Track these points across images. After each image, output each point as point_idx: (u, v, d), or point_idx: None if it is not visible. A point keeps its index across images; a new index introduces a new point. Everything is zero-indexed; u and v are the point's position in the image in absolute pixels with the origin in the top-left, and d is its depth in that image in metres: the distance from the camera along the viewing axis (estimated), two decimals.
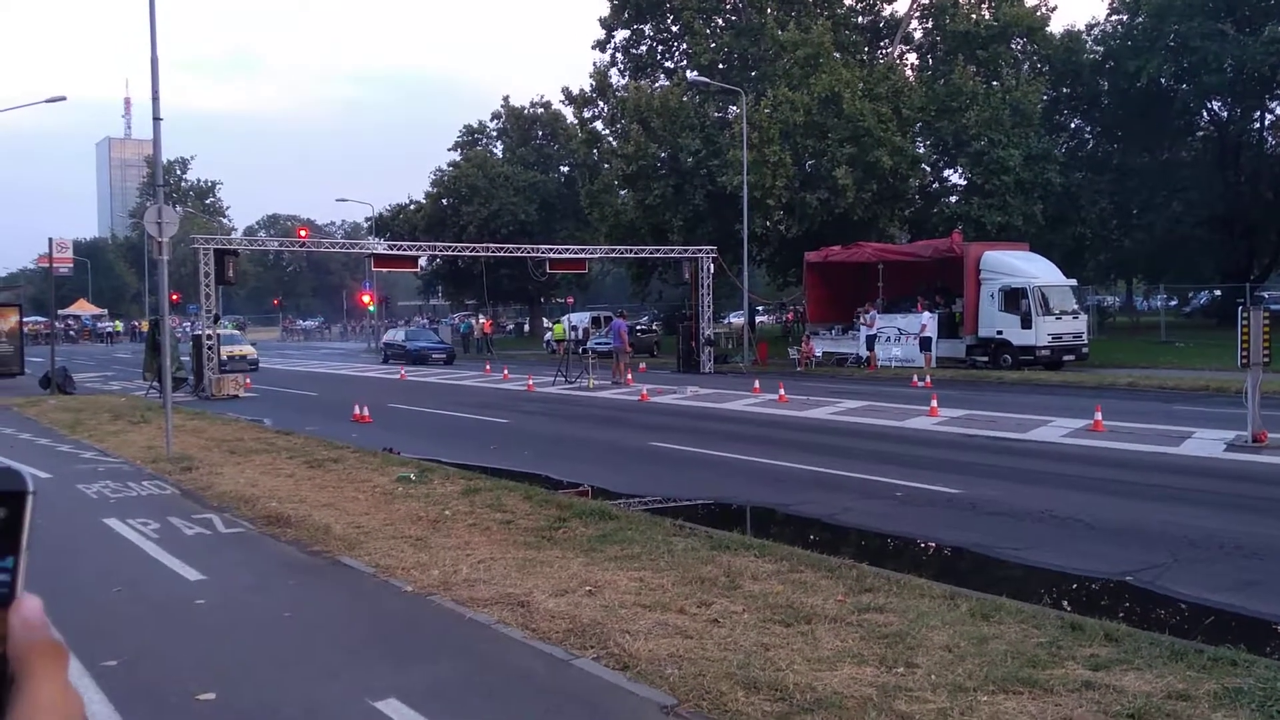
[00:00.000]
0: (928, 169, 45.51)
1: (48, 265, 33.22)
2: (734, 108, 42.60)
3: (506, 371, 33.82)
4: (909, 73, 46.31)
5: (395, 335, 48.46)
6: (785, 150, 39.06)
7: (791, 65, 41.51)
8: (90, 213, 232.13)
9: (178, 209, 43.28)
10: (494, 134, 73.49)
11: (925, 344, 31.41)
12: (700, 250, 35.52)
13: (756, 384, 25.41)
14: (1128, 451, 14.28)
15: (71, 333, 78.01)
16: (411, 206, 68.20)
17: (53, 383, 27.07)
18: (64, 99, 37.36)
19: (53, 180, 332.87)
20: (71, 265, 52.58)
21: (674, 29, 49.51)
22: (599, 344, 36.13)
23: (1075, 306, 31.15)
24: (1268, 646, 6.51)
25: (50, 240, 33.89)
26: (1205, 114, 47.95)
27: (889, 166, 39.08)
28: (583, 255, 38.71)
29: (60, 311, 68.11)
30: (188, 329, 44.28)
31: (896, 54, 47.88)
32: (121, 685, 5.54)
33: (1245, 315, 14.32)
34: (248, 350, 36.85)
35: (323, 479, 12.24)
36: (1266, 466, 12.85)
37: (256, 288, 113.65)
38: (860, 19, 48.51)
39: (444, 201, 63.94)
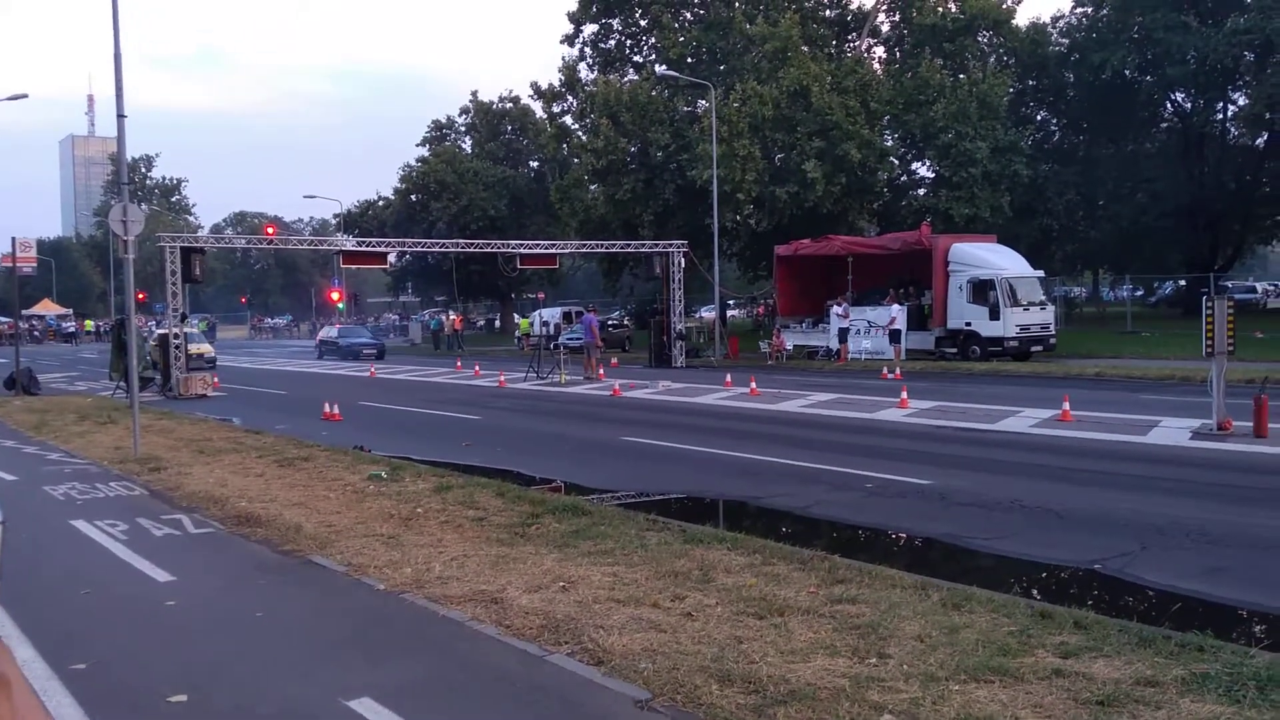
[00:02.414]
0: (896, 162, 45.77)
1: (11, 265, 32.79)
2: (703, 102, 42.64)
3: (478, 368, 33.69)
4: (876, 66, 46.56)
5: (329, 333, 52.34)
6: (754, 144, 39.14)
7: (760, 59, 41.64)
8: (54, 211, 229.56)
9: (143, 207, 42.75)
10: (463, 129, 73.06)
11: (895, 336, 31.61)
12: (671, 245, 35.52)
13: (728, 378, 25.48)
14: (1096, 441, 14.42)
15: (36, 333, 76.93)
16: (380, 203, 67.74)
17: (17, 383, 26.72)
18: (25, 96, 37.01)
19: (15, 178, 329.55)
20: (35, 265, 51.88)
21: (642, 23, 49.49)
22: (570, 339, 36.08)
23: (1042, 297, 31.42)
24: (1234, 632, 6.60)
25: (13, 239, 33.44)
26: (1169, 105, 48.46)
27: (857, 160, 39.25)
28: (553, 250, 38.55)
29: (24, 312, 67.08)
30: (153, 327, 43.91)
31: (864, 47, 48.10)
32: (91, 688, 5.48)
33: (1210, 305, 14.49)
34: (205, 349, 37.03)
35: (293, 478, 12.15)
36: (1232, 454, 13.01)
37: (224, 286, 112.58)
38: (828, 12, 48.69)
39: (413, 197, 63.56)
